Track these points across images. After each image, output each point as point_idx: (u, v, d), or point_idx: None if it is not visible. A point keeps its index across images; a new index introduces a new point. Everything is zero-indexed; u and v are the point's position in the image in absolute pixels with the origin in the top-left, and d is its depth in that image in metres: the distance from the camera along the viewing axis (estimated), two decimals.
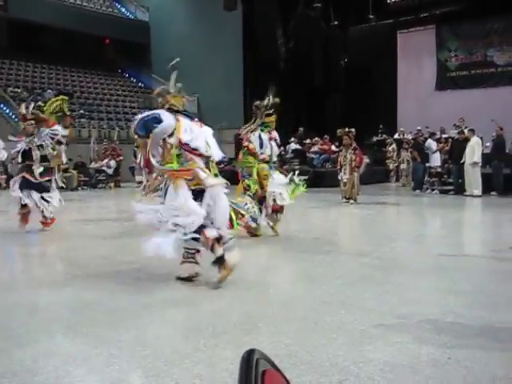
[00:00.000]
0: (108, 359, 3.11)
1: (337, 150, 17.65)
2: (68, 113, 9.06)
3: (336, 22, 25.31)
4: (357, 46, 24.90)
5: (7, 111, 23.89)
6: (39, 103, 9.06)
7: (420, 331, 3.56)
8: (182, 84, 5.55)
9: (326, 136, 20.98)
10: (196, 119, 5.33)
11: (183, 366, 3.00)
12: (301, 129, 22.42)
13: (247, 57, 26.45)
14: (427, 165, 16.26)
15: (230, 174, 7.96)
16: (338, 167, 13.25)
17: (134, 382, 2.86)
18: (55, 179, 8.52)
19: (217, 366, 2.99)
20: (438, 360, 3.07)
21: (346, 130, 12.80)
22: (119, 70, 34.72)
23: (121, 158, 22.04)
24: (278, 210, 8.02)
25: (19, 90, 25.05)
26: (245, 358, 0.80)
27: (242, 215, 7.21)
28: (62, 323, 3.84)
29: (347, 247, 7.25)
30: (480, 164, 14.45)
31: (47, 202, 8.38)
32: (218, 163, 5.29)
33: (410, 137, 19.21)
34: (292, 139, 21.63)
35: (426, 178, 16.49)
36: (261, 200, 7.79)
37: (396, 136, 20.83)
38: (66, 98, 9.16)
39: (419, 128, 18.62)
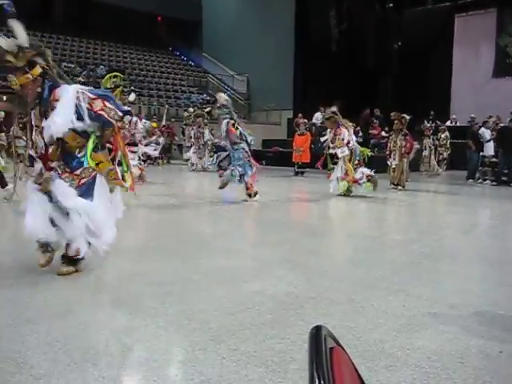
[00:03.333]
0: (156, 331, 3.16)
1: (386, 135, 17.36)
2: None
3: (391, 5, 24.76)
4: (411, 30, 24.29)
5: None
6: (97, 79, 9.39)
7: (470, 322, 3.48)
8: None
9: (375, 120, 20.66)
10: None
11: (229, 342, 3.03)
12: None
13: (299, 37, 26.20)
14: (481, 154, 15.83)
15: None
16: (387, 153, 13.05)
17: (181, 354, 2.91)
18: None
19: (263, 345, 3.00)
20: (488, 353, 3.00)
21: (400, 114, 12.55)
22: (170, 48, 34.99)
23: (176, 137, 22.42)
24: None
25: (72, 65, 25.56)
26: (313, 333, 0.79)
27: None
28: (110, 295, 3.93)
29: (394, 234, 7.15)
30: None
31: None
32: None
33: (438, 123, 18.81)
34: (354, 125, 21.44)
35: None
36: None
37: (448, 123, 20.33)
38: (122, 75, 9.34)
39: (473, 116, 18.12)
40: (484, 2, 22.60)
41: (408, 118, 12.61)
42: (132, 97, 11.80)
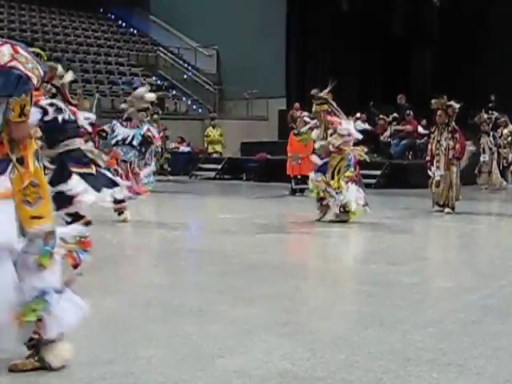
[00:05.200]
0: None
1: (426, 132, 17.54)
2: None
3: None
4: None
5: None
6: None
7: None
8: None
9: (408, 111, 20.85)
10: None
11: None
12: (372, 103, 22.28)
13: None
14: None
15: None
16: (428, 158, 13.14)
17: None
18: None
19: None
20: None
21: (446, 101, 12.66)
22: (101, 10, 35.20)
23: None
24: None
25: None
26: None
27: None
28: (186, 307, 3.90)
29: (441, 279, 7.18)
30: None
31: None
32: None
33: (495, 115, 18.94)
34: (358, 115, 21.53)
35: None
36: None
37: None
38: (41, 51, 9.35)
39: None
40: None
41: (457, 106, 12.74)
42: (69, 76, 11.72)
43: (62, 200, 6.61)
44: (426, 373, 3.98)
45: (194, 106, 30.18)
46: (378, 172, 19.07)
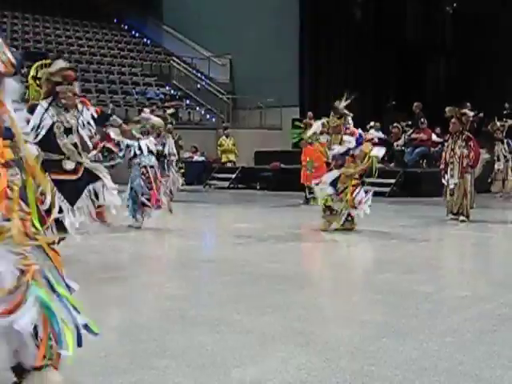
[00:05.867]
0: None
1: (440, 140, 17.49)
2: None
3: None
4: None
5: None
6: None
7: None
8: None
9: (422, 119, 20.84)
10: None
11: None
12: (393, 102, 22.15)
13: (306, 1, 26.44)
14: None
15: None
16: (442, 166, 13.12)
17: None
18: None
19: None
20: None
21: (460, 109, 12.65)
22: (115, 20, 35.40)
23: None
24: None
25: None
26: None
27: None
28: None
29: (456, 288, 7.15)
30: None
31: None
32: None
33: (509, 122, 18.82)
34: (372, 124, 21.49)
35: None
36: None
37: None
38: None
39: None
40: None
41: (471, 114, 12.74)
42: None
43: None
44: (443, 382, 3.98)
45: (208, 116, 30.25)
46: (392, 180, 19.08)
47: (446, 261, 9.67)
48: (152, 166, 11.87)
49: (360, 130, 11.42)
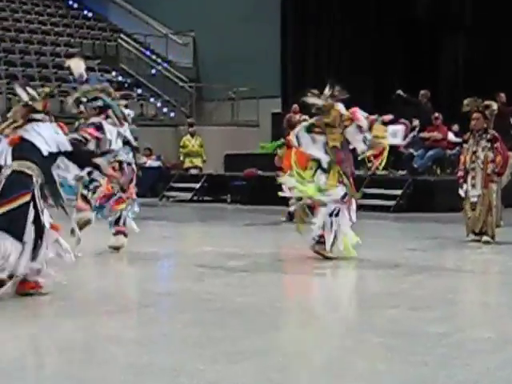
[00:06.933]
0: None
1: (458, 140, 17.62)
2: None
3: None
4: None
5: None
6: None
7: None
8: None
9: (437, 114, 20.90)
10: None
11: None
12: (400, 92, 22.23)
13: None
14: None
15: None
16: (461, 173, 13.17)
17: None
18: None
19: None
20: None
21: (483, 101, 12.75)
22: None
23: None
24: None
25: None
26: None
27: None
28: None
29: (479, 328, 7.21)
30: None
31: None
32: None
33: None
34: None
35: None
36: None
37: None
38: None
39: None
40: None
41: (496, 107, 12.80)
42: None
43: None
44: None
45: (165, 109, 30.14)
46: (399, 191, 19.12)
47: (465, 294, 9.72)
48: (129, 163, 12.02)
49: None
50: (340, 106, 11.36)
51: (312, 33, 26.05)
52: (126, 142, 11.88)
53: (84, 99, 11.86)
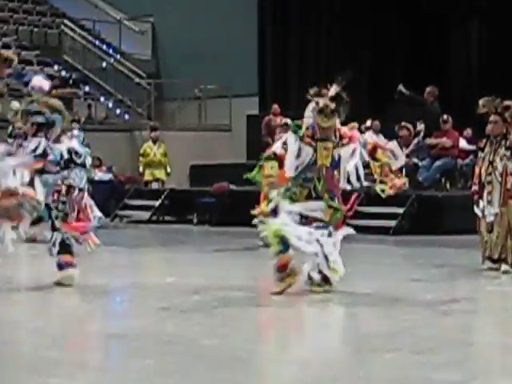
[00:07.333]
0: None
1: (472, 148, 17.72)
2: None
3: None
4: None
5: None
6: None
7: None
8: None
9: (444, 116, 21.01)
10: None
11: None
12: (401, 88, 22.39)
13: None
14: None
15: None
16: (476, 188, 13.22)
17: None
18: None
19: None
20: None
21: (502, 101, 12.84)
22: None
23: None
24: None
25: None
26: None
27: None
28: None
29: (495, 374, 7.24)
30: None
31: None
32: None
33: None
34: (369, 123, 21.72)
35: None
36: None
37: None
38: None
39: None
40: None
41: None
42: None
43: None
44: None
45: (118, 110, 30.12)
46: (401, 210, 19.17)
47: (481, 333, 9.76)
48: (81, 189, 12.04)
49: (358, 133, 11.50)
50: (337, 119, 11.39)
51: (294, 19, 26.16)
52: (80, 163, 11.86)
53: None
